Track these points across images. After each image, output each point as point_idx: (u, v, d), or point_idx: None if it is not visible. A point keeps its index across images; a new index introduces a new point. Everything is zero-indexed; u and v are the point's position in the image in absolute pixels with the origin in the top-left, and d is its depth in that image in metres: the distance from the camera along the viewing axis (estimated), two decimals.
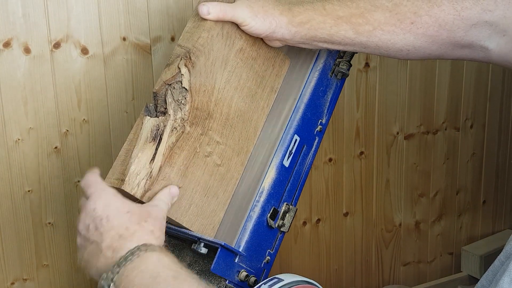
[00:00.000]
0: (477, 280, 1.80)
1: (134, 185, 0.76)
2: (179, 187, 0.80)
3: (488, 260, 1.65)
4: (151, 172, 0.78)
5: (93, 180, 0.76)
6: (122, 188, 0.76)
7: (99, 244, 0.71)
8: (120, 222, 0.72)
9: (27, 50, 1.11)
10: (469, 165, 1.67)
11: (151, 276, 0.66)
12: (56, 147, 1.17)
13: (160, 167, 0.78)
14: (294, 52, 0.98)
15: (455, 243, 1.71)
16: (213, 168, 0.85)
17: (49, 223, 1.20)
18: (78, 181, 1.20)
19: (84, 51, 1.15)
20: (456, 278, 1.70)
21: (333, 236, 1.53)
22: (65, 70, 1.14)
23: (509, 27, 0.84)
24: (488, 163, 1.70)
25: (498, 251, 1.83)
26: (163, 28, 1.20)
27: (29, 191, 1.17)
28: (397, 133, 1.54)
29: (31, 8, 1.10)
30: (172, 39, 1.21)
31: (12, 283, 1.19)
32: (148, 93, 1.22)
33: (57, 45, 1.13)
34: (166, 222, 0.77)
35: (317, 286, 0.80)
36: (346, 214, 1.53)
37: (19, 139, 1.14)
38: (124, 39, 1.17)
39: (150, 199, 0.77)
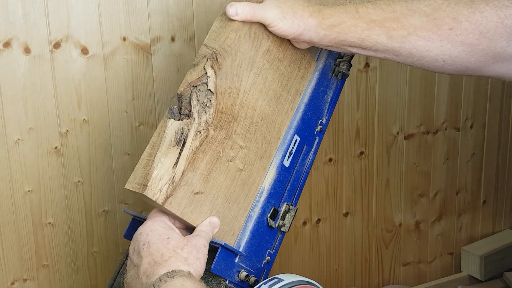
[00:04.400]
0: (477, 280, 1.80)
1: (156, 191, 0.74)
2: (201, 193, 0.78)
3: (488, 260, 1.65)
4: (173, 177, 0.75)
5: (154, 209, 0.79)
6: (144, 193, 0.74)
7: (138, 269, 0.73)
8: (157, 248, 0.73)
9: (27, 50, 1.11)
10: (469, 165, 1.67)
11: None
12: (56, 147, 1.17)
13: (183, 172, 0.76)
14: None
15: (455, 243, 1.71)
16: (235, 173, 0.82)
17: (49, 223, 1.20)
18: (78, 181, 1.20)
19: (84, 51, 1.15)
20: (456, 278, 1.70)
21: (333, 236, 1.53)
22: (65, 70, 1.14)
23: None
24: (488, 163, 1.70)
25: (498, 251, 1.84)
26: (163, 28, 1.20)
27: (29, 191, 1.17)
28: (397, 133, 1.54)
29: (31, 8, 1.09)
30: (172, 39, 1.21)
31: (12, 283, 1.19)
32: (148, 93, 1.21)
33: (57, 45, 1.13)
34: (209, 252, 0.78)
35: (317, 286, 0.80)
36: (346, 214, 1.53)
37: (19, 139, 1.14)
38: (124, 39, 1.17)
39: (171, 205, 0.76)
